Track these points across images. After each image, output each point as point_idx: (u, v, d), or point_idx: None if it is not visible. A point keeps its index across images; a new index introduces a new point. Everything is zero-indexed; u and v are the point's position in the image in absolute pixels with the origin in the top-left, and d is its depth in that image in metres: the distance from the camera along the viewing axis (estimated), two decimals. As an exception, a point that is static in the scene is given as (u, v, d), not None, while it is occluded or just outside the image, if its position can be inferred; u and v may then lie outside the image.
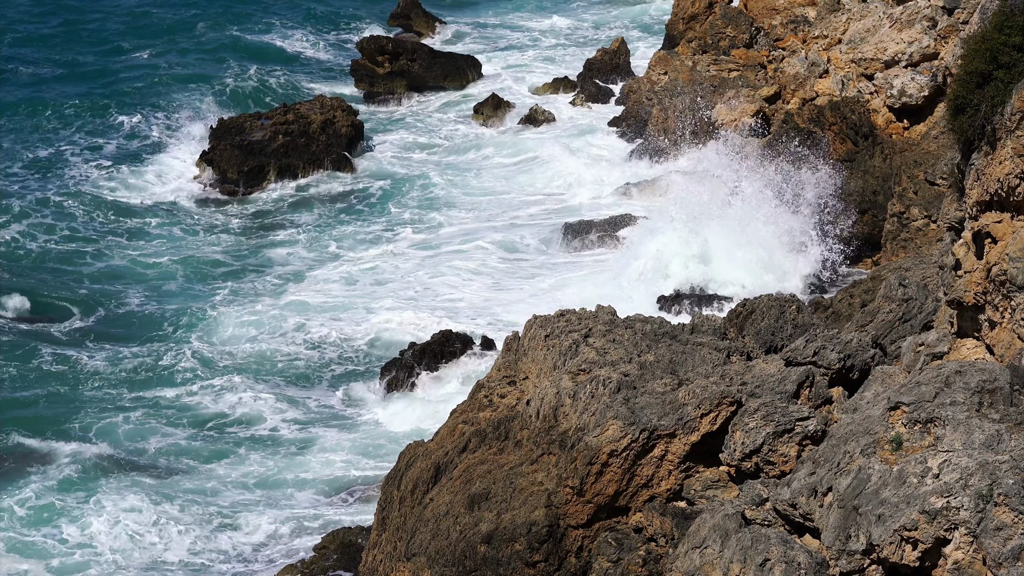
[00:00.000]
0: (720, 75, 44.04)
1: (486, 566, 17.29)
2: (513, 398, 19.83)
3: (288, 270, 37.53)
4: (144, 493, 25.74)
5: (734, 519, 14.97)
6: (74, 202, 42.15)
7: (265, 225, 41.56)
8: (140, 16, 64.96)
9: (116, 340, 33.06)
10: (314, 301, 35.02)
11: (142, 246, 39.55)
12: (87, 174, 44.59)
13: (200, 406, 29.68)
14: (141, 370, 31.17)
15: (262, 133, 46.12)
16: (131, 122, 49.97)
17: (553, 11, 69.67)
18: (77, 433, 28.22)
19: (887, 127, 37.09)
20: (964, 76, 15.72)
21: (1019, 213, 15.22)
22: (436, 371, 30.00)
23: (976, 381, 14.00)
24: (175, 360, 31.47)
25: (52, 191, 42.96)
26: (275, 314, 34.07)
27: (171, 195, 43.58)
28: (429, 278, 36.62)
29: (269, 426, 28.96)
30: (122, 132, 49.29)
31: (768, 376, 17.48)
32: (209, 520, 25.11)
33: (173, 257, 38.52)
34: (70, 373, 30.90)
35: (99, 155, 46.82)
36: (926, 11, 37.74)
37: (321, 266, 37.73)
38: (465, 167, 46.18)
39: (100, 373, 30.98)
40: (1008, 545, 12.57)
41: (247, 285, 36.30)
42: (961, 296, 16.17)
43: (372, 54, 55.85)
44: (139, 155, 47.10)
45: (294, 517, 25.32)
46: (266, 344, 32.59)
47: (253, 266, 37.90)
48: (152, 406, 29.55)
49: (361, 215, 42.27)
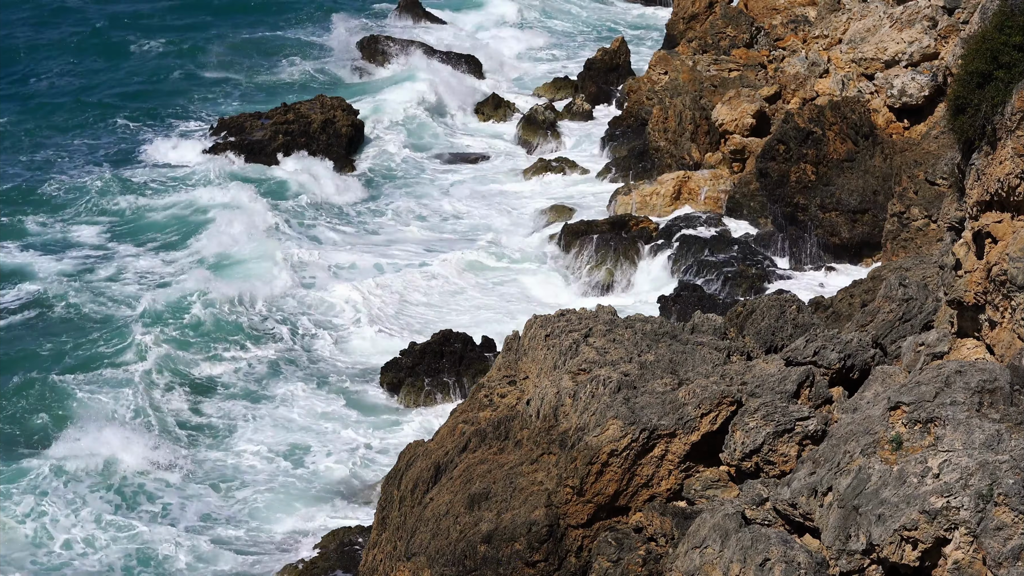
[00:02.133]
0: (720, 75, 44.05)
1: (486, 566, 17.28)
2: (513, 398, 19.83)
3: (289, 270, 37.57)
4: (145, 492, 25.81)
5: (734, 519, 14.97)
6: (73, 200, 42.20)
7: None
8: (141, 16, 65.06)
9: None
10: (314, 302, 35.11)
11: (143, 246, 39.61)
12: (85, 175, 44.57)
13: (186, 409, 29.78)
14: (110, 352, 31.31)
15: (262, 132, 46.15)
16: (131, 122, 49.99)
17: (554, 11, 69.75)
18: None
19: (887, 127, 37.09)
20: (964, 76, 15.72)
21: (1019, 213, 15.22)
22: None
23: (976, 381, 13.99)
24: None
25: (51, 189, 43.03)
26: (274, 314, 34.13)
27: (171, 195, 43.59)
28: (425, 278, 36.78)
29: (270, 425, 29.01)
30: (122, 132, 49.28)
31: (768, 376, 17.48)
32: (210, 520, 25.12)
33: (171, 255, 38.58)
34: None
35: (99, 156, 46.81)
36: (926, 11, 37.74)
37: (321, 265, 37.73)
38: (465, 167, 46.20)
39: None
40: (1008, 545, 12.57)
41: (248, 286, 36.29)
42: (961, 296, 16.17)
43: (372, 54, 55.90)
44: (139, 155, 47.09)
45: (295, 518, 25.34)
46: (266, 342, 32.63)
47: (253, 265, 37.90)
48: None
49: (361, 215, 42.29)
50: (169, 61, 57.83)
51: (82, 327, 33.37)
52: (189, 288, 34.80)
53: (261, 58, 59.01)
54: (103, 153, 47.08)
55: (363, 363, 32.02)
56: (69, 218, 40.98)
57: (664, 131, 42.13)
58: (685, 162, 41.36)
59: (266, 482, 26.63)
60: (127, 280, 36.45)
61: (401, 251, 39.09)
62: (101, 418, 28.25)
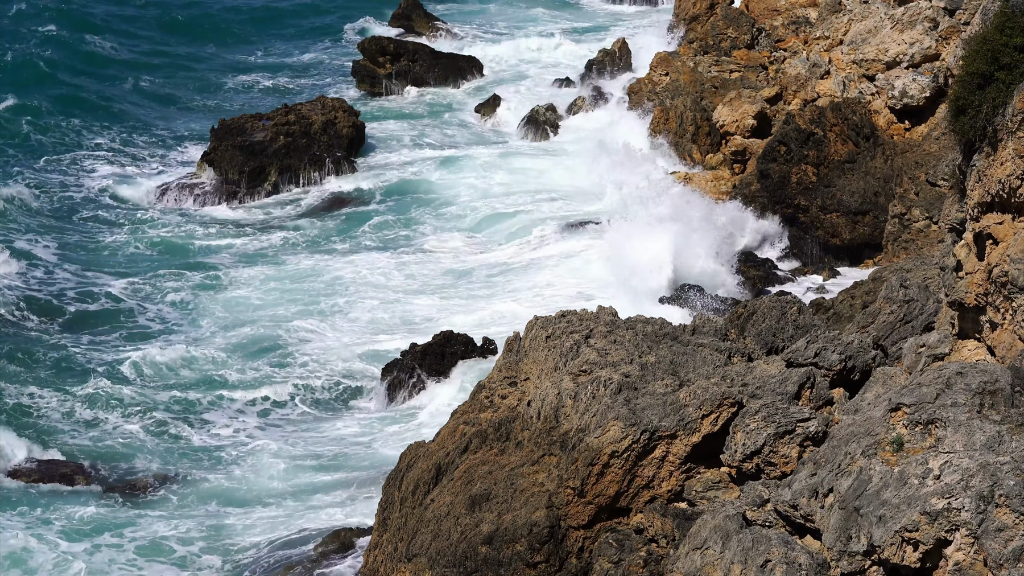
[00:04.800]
0: (721, 76, 44.05)
1: (487, 567, 17.28)
2: (514, 399, 19.82)
3: (288, 270, 37.57)
4: (146, 490, 25.83)
5: (735, 520, 14.96)
6: (71, 202, 42.25)
7: (267, 226, 41.58)
8: (142, 15, 65.08)
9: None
10: (316, 300, 35.13)
11: (141, 243, 39.64)
12: (85, 176, 44.60)
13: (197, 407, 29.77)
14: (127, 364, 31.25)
15: (263, 134, 46.13)
16: (131, 122, 50.03)
17: (553, 12, 69.77)
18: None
19: (888, 128, 37.09)
20: (965, 77, 15.71)
21: (1020, 214, 15.21)
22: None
23: (977, 382, 13.98)
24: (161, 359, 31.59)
25: (50, 187, 43.09)
26: (274, 314, 34.14)
27: (171, 196, 43.59)
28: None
29: (271, 423, 29.02)
30: (122, 133, 49.31)
31: (769, 377, 17.48)
32: (210, 520, 25.12)
33: (169, 257, 38.63)
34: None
35: (98, 156, 46.84)
36: (927, 12, 37.73)
37: (322, 265, 37.74)
38: (465, 168, 46.20)
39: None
40: (1009, 546, 12.56)
41: (248, 285, 36.32)
42: (962, 297, 16.17)
43: (373, 55, 55.90)
44: (140, 155, 47.11)
45: (295, 518, 25.33)
46: (266, 346, 32.64)
47: (253, 266, 37.92)
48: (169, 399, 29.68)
49: (361, 216, 42.30)
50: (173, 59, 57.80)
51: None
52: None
53: (264, 59, 59.04)
54: (102, 154, 47.14)
55: (364, 362, 32.03)
56: (65, 217, 41.05)
57: (665, 132, 42.14)
58: (686, 163, 41.38)
59: (266, 481, 26.67)
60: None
61: (400, 251, 39.07)
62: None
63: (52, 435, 27.96)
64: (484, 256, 38.37)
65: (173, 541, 24.19)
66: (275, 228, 41.35)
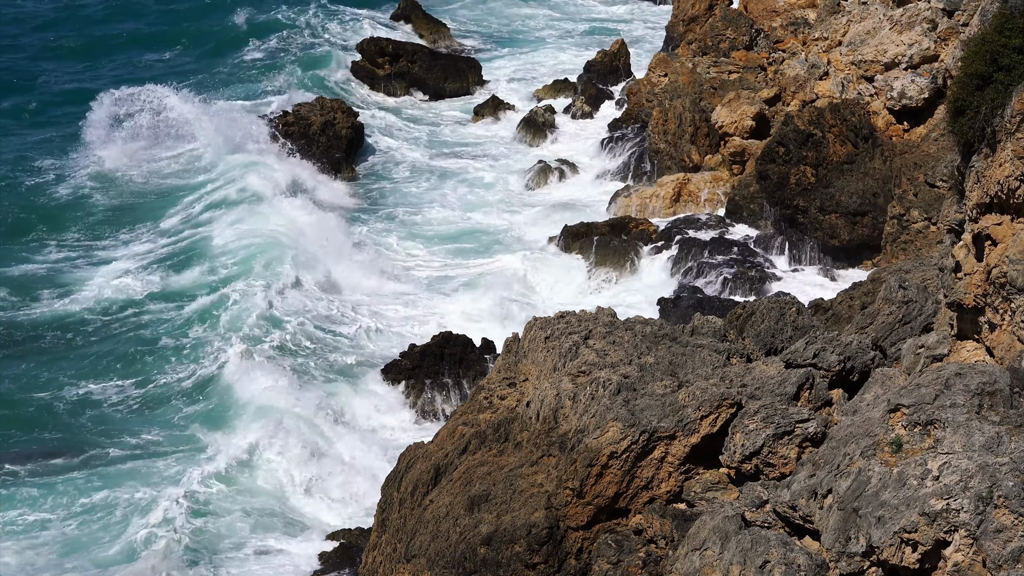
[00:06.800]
0: (720, 77, 44.07)
1: (486, 568, 17.28)
2: (513, 400, 19.82)
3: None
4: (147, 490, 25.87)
5: (734, 521, 14.96)
6: (71, 198, 42.30)
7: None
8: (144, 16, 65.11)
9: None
10: (316, 301, 35.15)
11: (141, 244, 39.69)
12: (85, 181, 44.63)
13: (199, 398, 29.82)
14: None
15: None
16: (132, 123, 50.03)
17: (554, 12, 69.76)
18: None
19: (887, 129, 37.09)
20: (964, 78, 15.71)
21: (1019, 215, 15.21)
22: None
23: (976, 383, 13.99)
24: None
25: (50, 188, 43.10)
26: (275, 314, 34.18)
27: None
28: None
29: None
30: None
31: (768, 378, 17.48)
32: (210, 519, 25.14)
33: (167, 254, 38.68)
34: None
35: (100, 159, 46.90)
36: (926, 13, 37.74)
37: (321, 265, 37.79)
38: (466, 168, 46.23)
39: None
40: (1008, 547, 12.57)
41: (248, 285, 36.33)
42: (961, 298, 16.17)
43: (372, 56, 55.90)
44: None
45: (295, 518, 25.33)
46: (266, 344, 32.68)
47: (254, 265, 37.93)
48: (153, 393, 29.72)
49: (361, 216, 42.32)
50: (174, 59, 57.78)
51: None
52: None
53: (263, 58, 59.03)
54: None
55: (364, 363, 32.05)
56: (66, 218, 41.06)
57: (664, 133, 42.14)
58: (685, 164, 41.38)
59: (266, 481, 26.68)
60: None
61: (402, 251, 39.12)
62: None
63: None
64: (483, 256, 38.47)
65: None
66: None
